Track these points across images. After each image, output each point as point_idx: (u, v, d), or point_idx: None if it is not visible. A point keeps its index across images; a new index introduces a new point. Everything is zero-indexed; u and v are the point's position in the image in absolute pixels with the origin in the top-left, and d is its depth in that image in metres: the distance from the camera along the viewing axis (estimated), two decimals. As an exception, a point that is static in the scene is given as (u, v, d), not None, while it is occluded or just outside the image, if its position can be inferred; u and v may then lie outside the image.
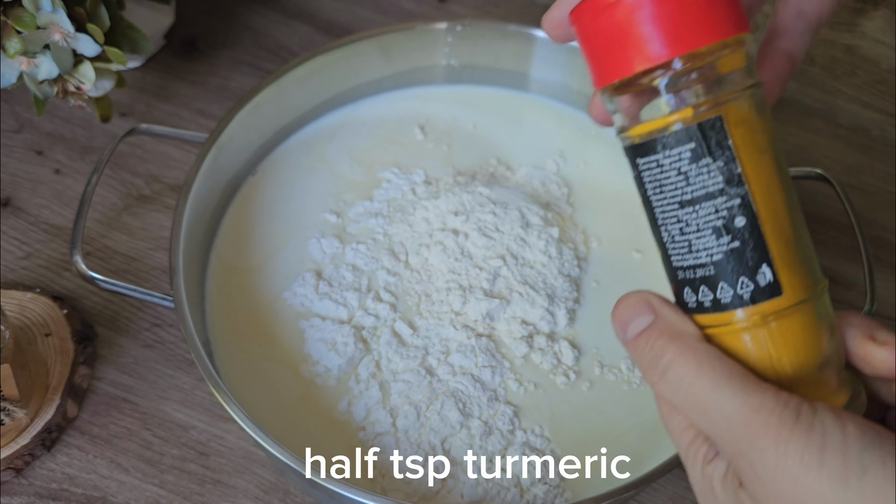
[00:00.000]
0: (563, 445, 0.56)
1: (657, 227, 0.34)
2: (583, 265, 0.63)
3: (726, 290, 0.32)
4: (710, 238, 0.32)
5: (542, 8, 0.82)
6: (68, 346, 0.61)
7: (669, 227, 0.33)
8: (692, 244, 0.33)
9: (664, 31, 0.31)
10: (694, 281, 0.33)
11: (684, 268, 0.33)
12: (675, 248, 0.33)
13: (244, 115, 0.63)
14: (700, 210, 0.32)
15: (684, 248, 0.33)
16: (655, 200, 0.33)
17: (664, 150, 0.32)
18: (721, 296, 0.33)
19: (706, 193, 0.32)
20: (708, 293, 0.33)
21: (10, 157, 0.71)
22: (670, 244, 0.34)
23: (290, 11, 0.81)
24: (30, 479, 0.58)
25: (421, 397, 0.56)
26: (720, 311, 0.33)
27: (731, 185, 0.31)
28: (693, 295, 0.33)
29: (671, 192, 0.33)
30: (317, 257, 0.63)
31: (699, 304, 0.33)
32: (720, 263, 0.32)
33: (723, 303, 0.33)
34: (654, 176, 0.33)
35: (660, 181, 0.33)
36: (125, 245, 0.67)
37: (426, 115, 0.71)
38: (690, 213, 0.32)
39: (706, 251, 0.32)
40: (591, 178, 0.68)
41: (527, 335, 0.59)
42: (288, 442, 0.54)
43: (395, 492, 0.54)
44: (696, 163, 0.32)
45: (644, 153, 0.33)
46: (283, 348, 0.59)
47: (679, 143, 0.32)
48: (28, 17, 0.57)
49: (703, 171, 0.32)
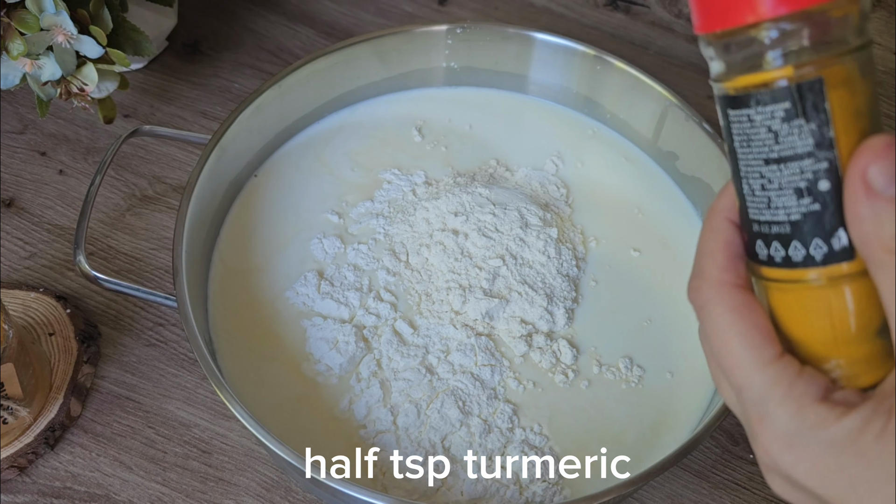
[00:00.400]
0: (561, 443, 0.57)
1: (739, 178, 0.33)
2: (581, 265, 0.64)
3: (799, 249, 0.32)
4: (791, 198, 0.32)
5: (542, 10, 0.83)
6: (72, 345, 0.61)
7: (751, 181, 0.33)
8: (772, 201, 0.32)
9: None
10: (768, 236, 0.33)
11: (760, 222, 0.33)
12: (753, 201, 0.33)
13: (246, 116, 0.64)
14: (785, 169, 0.32)
15: (763, 203, 0.33)
16: (741, 153, 0.33)
17: (757, 105, 0.31)
18: (793, 254, 0.32)
19: (794, 154, 0.31)
20: (780, 249, 0.33)
21: (14, 158, 0.72)
22: (749, 197, 0.33)
23: (292, 14, 0.81)
24: (33, 477, 0.58)
25: (421, 396, 0.57)
26: (790, 267, 0.33)
27: (822, 148, 0.31)
28: (765, 248, 0.33)
29: (758, 147, 0.32)
30: (319, 257, 0.63)
31: (770, 257, 0.33)
32: (797, 223, 0.32)
33: (794, 260, 0.32)
34: (744, 129, 0.32)
35: (748, 135, 0.32)
36: (128, 245, 0.68)
37: (427, 117, 0.71)
38: (775, 171, 0.32)
39: (785, 210, 0.32)
40: (590, 179, 0.69)
41: (526, 334, 0.59)
42: (289, 440, 0.55)
43: (396, 489, 0.54)
44: (789, 122, 0.31)
45: (736, 105, 0.32)
46: (285, 347, 0.59)
47: (774, 101, 0.31)
48: (31, 19, 0.58)
49: (795, 131, 0.31)
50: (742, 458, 0.61)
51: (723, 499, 0.60)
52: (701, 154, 0.65)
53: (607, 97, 0.70)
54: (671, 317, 0.62)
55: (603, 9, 0.83)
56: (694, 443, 0.51)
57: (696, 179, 0.66)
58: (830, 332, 0.33)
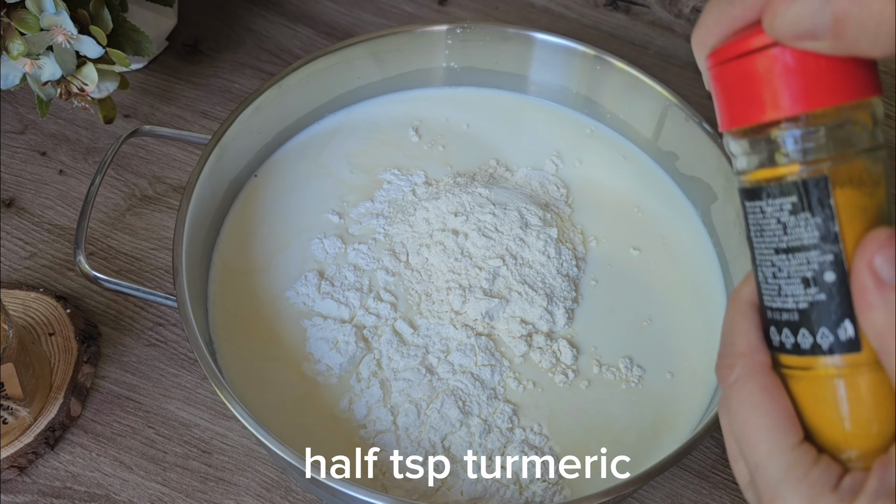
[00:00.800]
0: (561, 443, 0.57)
1: (755, 266, 0.35)
2: (581, 265, 0.64)
3: (807, 337, 0.34)
4: (799, 286, 0.33)
5: (542, 10, 0.83)
6: (72, 345, 0.61)
7: (764, 269, 0.34)
8: (782, 289, 0.34)
9: (796, 86, 0.32)
10: (780, 322, 0.34)
11: (773, 308, 0.35)
12: (766, 289, 0.35)
13: (246, 116, 0.64)
14: (793, 259, 0.33)
15: (774, 290, 0.34)
16: (756, 242, 0.35)
17: (768, 198, 0.33)
18: (801, 341, 0.34)
19: (801, 245, 0.33)
20: (790, 336, 0.34)
21: (14, 158, 0.72)
22: (763, 284, 0.35)
23: (292, 14, 0.81)
24: (33, 477, 0.58)
25: (421, 395, 0.57)
26: (800, 355, 0.34)
27: (827, 241, 0.32)
28: (777, 335, 0.35)
29: (769, 237, 0.34)
30: (320, 257, 0.63)
31: (782, 344, 0.35)
32: (805, 312, 0.33)
33: (802, 348, 0.34)
34: (757, 220, 0.34)
35: (761, 226, 0.34)
36: (128, 245, 0.68)
37: (427, 118, 0.71)
38: (784, 260, 0.33)
39: (793, 298, 0.33)
40: (590, 179, 0.69)
41: (526, 334, 0.60)
42: (290, 440, 0.55)
43: (396, 489, 0.54)
44: (796, 215, 0.33)
45: (751, 197, 0.34)
46: (285, 347, 0.59)
47: (782, 194, 0.33)
48: (31, 19, 0.58)
49: (801, 223, 0.33)
50: (742, 458, 0.61)
51: (723, 499, 0.60)
52: (701, 154, 0.65)
53: (607, 97, 0.70)
54: (671, 316, 0.62)
55: (603, 9, 0.83)
56: (694, 443, 0.51)
57: (695, 179, 0.67)
58: (840, 423, 0.33)
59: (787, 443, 0.33)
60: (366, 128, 0.70)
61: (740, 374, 0.35)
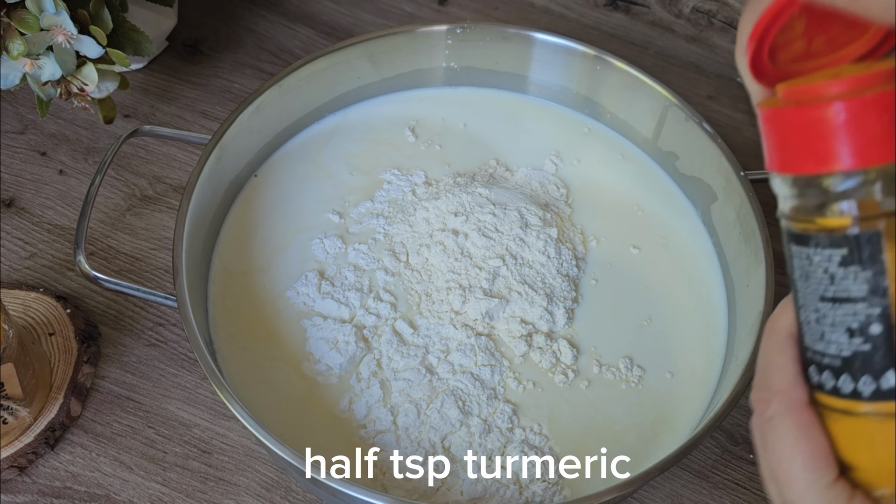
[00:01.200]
0: (561, 443, 0.57)
1: (798, 305, 0.35)
2: (581, 265, 0.64)
3: (848, 383, 0.34)
4: (843, 335, 0.33)
5: (541, 10, 0.83)
6: (72, 345, 0.61)
7: (808, 312, 0.34)
8: (825, 334, 0.34)
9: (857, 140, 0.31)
10: (821, 364, 0.34)
11: (814, 350, 0.34)
12: (809, 330, 0.35)
13: (246, 116, 0.64)
14: (839, 309, 0.33)
15: (817, 334, 0.34)
16: (800, 285, 0.34)
17: (817, 247, 0.33)
18: (842, 386, 0.34)
19: (848, 297, 0.33)
20: (830, 379, 0.34)
21: (14, 158, 0.72)
22: (805, 326, 0.35)
23: (292, 14, 0.81)
24: (33, 477, 0.58)
25: (421, 395, 0.57)
26: (839, 397, 0.34)
27: (876, 295, 0.32)
28: (817, 375, 0.35)
29: (815, 284, 0.33)
30: (320, 257, 0.63)
31: (821, 384, 0.35)
32: (848, 360, 0.33)
33: (842, 392, 0.34)
34: (803, 265, 0.34)
35: (807, 272, 0.34)
36: (128, 245, 0.68)
37: (428, 118, 0.71)
38: (829, 308, 0.33)
39: (836, 345, 0.33)
40: (589, 178, 0.69)
41: (526, 334, 0.60)
42: (290, 440, 0.55)
43: (396, 489, 0.54)
44: (845, 267, 0.33)
45: (798, 242, 0.34)
46: (286, 347, 0.59)
47: (833, 246, 0.33)
48: (31, 19, 0.58)
49: (851, 276, 0.32)
50: (742, 458, 0.61)
51: (723, 499, 0.60)
52: (701, 154, 0.65)
53: (607, 97, 0.70)
54: (671, 316, 0.62)
55: (603, 9, 0.83)
56: (694, 443, 0.51)
57: (695, 179, 0.67)
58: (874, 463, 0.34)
59: (824, 481, 0.33)
60: (362, 129, 0.70)
61: (777, 411, 0.35)
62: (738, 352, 0.58)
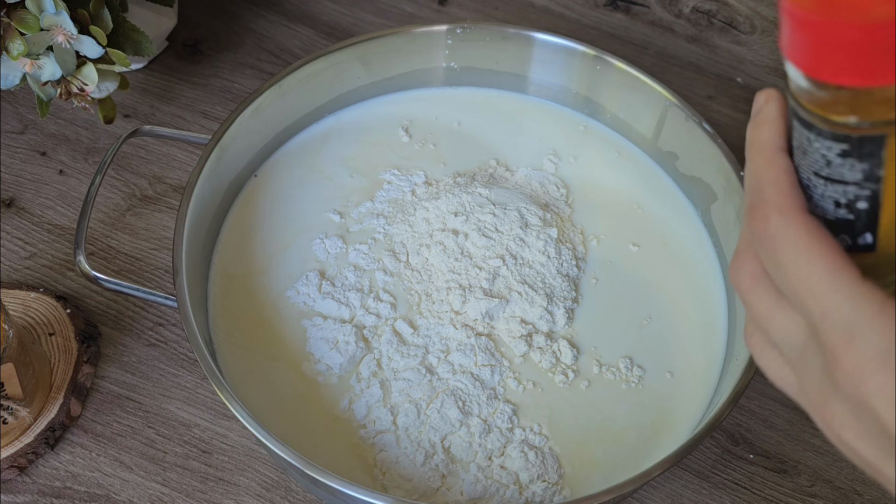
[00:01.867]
0: (561, 443, 0.57)
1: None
2: (581, 265, 0.64)
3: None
4: (830, 203, 0.34)
5: (541, 10, 0.83)
6: (72, 345, 0.61)
7: (801, 175, 0.35)
8: (813, 199, 0.34)
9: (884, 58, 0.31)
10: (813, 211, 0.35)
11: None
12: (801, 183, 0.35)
13: (246, 116, 0.64)
14: (830, 186, 0.34)
15: (805, 190, 0.35)
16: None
17: (819, 136, 0.33)
18: None
19: (841, 179, 0.33)
20: None
21: (14, 158, 0.72)
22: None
23: (292, 14, 0.81)
24: (33, 477, 0.58)
25: (421, 395, 0.57)
26: None
27: (869, 181, 0.33)
28: None
29: (811, 162, 0.34)
30: (321, 257, 0.63)
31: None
32: (831, 223, 0.34)
33: None
34: (802, 143, 0.34)
35: (805, 149, 0.34)
36: (128, 245, 0.68)
37: (422, 117, 0.71)
38: (821, 182, 0.34)
39: (821, 209, 0.34)
40: (589, 178, 0.69)
41: (526, 334, 0.60)
42: (290, 440, 0.55)
43: (396, 489, 0.54)
44: (843, 158, 0.33)
45: (801, 123, 0.34)
46: (286, 347, 0.59)
47: (835, 140, 0.33)
48: (31, 19, 0.58)
49: (847, 166, 0.33)
50: (742, 458, 0.61)
51: (723, 499, 0.60)
52: (701, 154, 0.65)
53: (607, 97, 0.70)
54: (671, 316, 0.62)
55: (603, 9, 0.83)
56: (694, 443, 0.51)
57: (695, 179, 0.67)
58: None
59: (851, 279, 0.31)
60: (358, 130, 0.70)
61: (779, 224, 0.33)
62: (738, 352, 0.58)
